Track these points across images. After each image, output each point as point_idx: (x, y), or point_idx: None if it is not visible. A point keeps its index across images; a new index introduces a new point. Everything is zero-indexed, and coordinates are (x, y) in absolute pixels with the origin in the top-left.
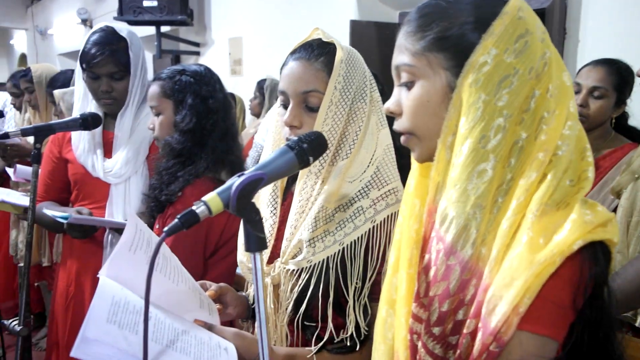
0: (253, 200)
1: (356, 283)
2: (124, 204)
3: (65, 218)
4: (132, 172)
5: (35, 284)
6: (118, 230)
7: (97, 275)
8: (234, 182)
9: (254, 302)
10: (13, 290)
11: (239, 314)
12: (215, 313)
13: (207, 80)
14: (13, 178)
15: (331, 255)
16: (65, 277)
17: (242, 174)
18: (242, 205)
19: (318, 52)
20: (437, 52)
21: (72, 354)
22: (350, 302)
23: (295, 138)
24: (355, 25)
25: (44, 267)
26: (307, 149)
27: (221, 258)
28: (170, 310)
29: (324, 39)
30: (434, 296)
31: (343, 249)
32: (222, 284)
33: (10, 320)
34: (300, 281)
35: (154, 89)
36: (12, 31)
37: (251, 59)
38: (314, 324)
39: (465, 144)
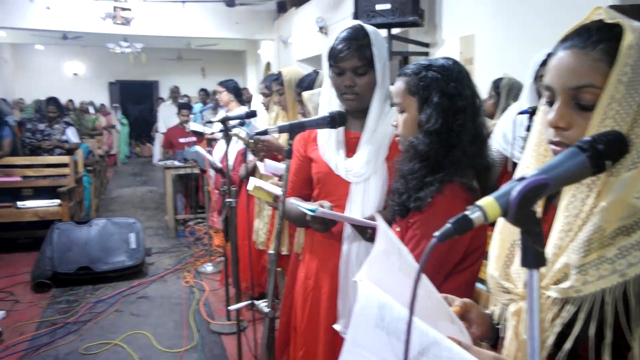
0: (535, 209)
1: None
2: (362, 204)
3: (312, 211)
4: (372, 172)
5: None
6: (357, 227)
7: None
8: (513, 186)
9: (499, 323)
10: (255, 271)
11: (481, 334)
12: (465, 331)
13: (455, 76)
14: (262, 171)
15: (608, 288)
16: (304, 269)
17: (523, 178)
18: (523, 214)
19: (597, 37)
20: None
21: (342, 358)
22: (636, 351)
23: (589, 138)
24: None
25: (282, 255)
26: (604, 151)
27: (464, 268)
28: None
29: (608, 20)
30: None
31: (625, 282)
32: (466, 300)
33: (260, 302)
34: (564, 313)
35: (399, 84)
36: (260, 42)
37: (484, 58)
38: None
39: None
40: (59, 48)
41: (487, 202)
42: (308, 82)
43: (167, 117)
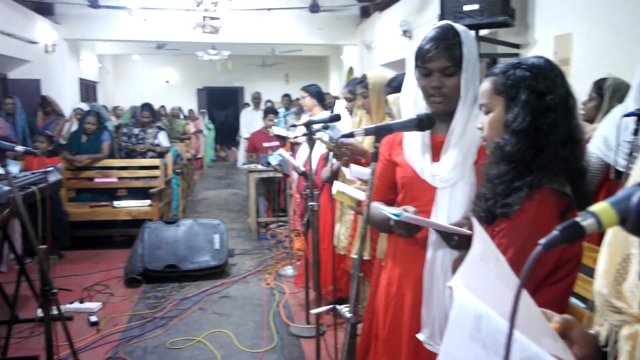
0: None
1: None
2: (448, 210)
3: (397, 215)
4: (459, 177)
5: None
6: (442, 234)
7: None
8: (634, 192)
9: (606, 345)
10: (334, 276)
11: (584, 356)
12: (568, 350)
13: (546, 73)
14: (348, 176)
15: None
16: (386, 275)
17: None
18: None
19: None
20: None
21: None
22: None
23: None
24: None
25: (363, 260)
26: None
27: (554, 281)
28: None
29: None
30: None
31: None
32: (567, 316)
33: (342, 306)
34: None
35: (486, 85)
36: (343, 47)
37: (582, 58)
38: None
39: None
40: (153, 57)
41: (602, 208)
42: (394, 86)
43: (249, 122)
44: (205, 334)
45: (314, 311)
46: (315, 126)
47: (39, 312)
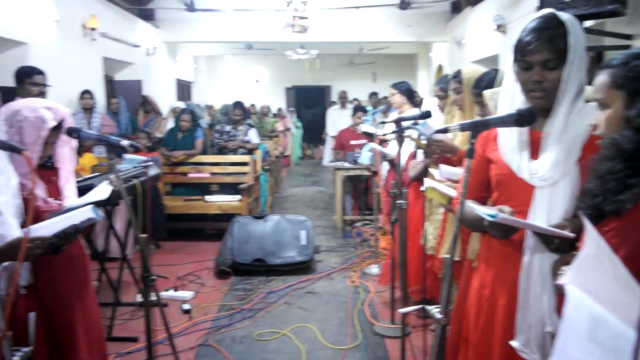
0: None
1: None
2: (548, 210)
3: (493, 216)
4: (560, 175)
5: (439, 275)
6: (541, 236)
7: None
8: None
9: None
10: (421, 276)
11: None
12: None
13: None
14: (437, 177)
15: None
16: (479, 278)
17: None
18: None
19: None
20: None
21: None
22: None
23: None
24: None
25: (454, 260)
26: None
27: None
28: None
29: None
30: None
31: None
32: None
33: (432, 307)
34: None
35: (603, 78)
36: (432, 45)
37: None
38: None
39: None
40: (243, 57)
41: None
42: (487, 81)
43: (335, 120)
44: (291, 327)
45: (402, 310)
46: (405, 123)
47: (138, 298)
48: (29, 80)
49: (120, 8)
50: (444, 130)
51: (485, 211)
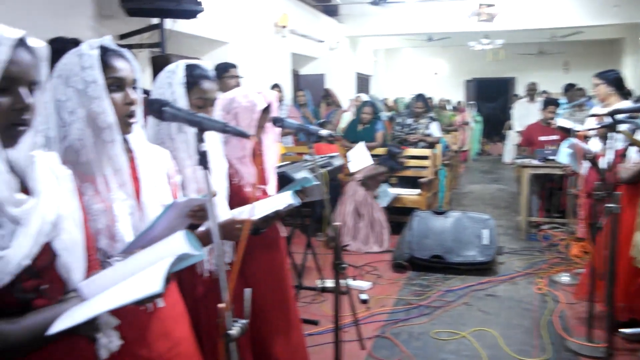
0: None
1: None
2: None
3: None
4: None
5: None
6: None
7: None
8: None
9: None
10: (631, 292)
11: None
12: None
13: None
14: None
15: None
16: None
17: None
18: None
19: None
20: None
21: None
22: None
23: None
24: None
25: None
26: None
27: None
28: None
29: None
30: None
31: None
32: None
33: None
34: None
35: None
36: None
37: None
38: None
39: None
40: (422, 49)
41: None
42: None
43: (523, 115)
44: (470, 330)
45: (625, 330)
46: (619, 117)
47: (318, 283)
48: (226, 74)
49: (307, 5)
50: None
51: None
